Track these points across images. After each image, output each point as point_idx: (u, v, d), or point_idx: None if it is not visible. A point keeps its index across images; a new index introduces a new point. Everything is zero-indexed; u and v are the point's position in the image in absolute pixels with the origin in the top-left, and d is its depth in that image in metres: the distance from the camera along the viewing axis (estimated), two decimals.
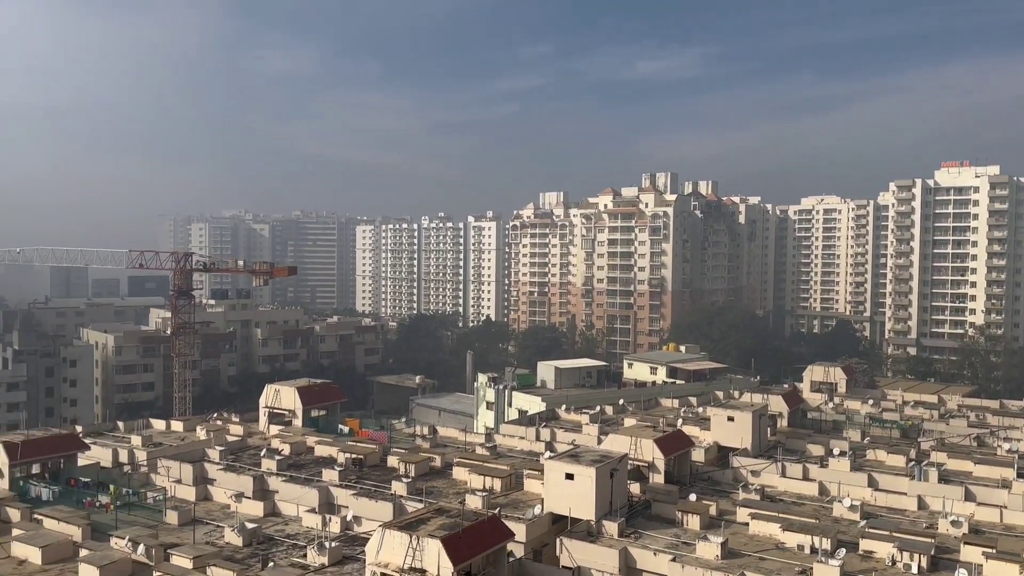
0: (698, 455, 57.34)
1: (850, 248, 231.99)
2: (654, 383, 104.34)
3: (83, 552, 38.39)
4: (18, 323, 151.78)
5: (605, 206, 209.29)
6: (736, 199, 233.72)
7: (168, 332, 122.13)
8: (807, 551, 39.86)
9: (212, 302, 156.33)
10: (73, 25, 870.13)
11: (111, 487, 48.96)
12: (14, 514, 44.18)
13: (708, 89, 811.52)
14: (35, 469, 51.93)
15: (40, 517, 43.57)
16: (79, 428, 69.54)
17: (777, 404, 70.40)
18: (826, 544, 39.43)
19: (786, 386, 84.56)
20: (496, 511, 40.10)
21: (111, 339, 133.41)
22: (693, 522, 43.44)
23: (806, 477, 52.88)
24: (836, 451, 57.89)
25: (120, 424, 73.04)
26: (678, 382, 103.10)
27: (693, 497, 46.84)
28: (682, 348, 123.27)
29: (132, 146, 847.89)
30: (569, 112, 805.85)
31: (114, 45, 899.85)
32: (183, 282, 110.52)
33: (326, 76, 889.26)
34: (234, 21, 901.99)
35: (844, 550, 39.00)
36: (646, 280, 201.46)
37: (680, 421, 69.08)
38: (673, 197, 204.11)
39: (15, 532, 41.21)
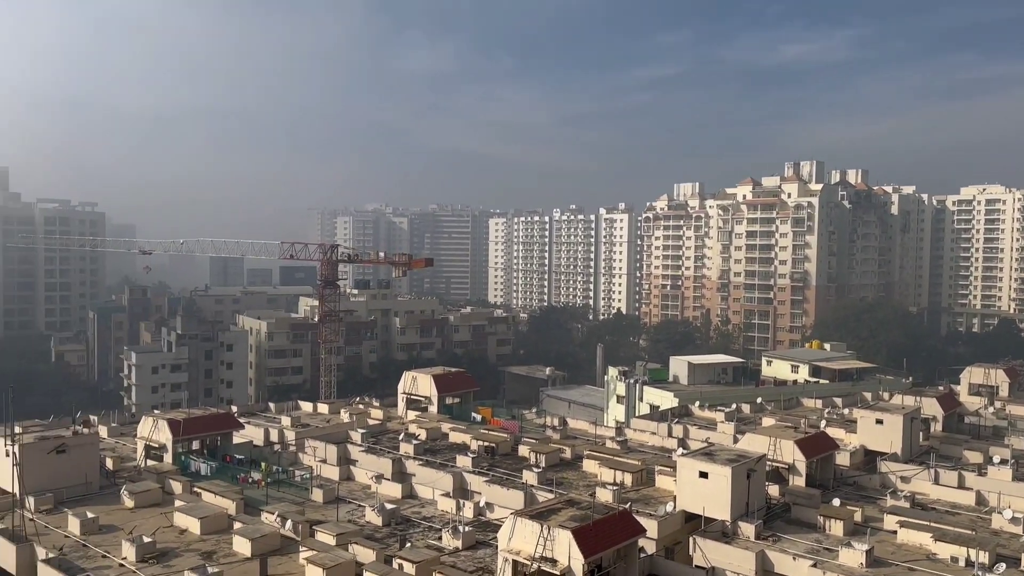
0: (843, 458, 54.55)
1: (1015, 241, 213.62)
2: (795, 382, 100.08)
3: (237, 525, 41.09)
4: (181, 309, 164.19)
5: (744, 197, 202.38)
6: (888, 188, 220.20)
7: (315, 320, 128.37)
8: (962, 564, 37.12)
9: (355, 292, 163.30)
10: (227, 30, 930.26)
11: (263, 464, 52.20)
12: (176, 486, 47.86)
13: (858, 72, 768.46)
14: (195, 445, 56.01)
15: (199, 490, 46.97)
16: (234, 408, 74.55)
17: (931, 407, 65.78)
18: (984, 557, 36.53)
19: (941, 388, 78.87)
20: (627, 506, 39.70)
21: (264, 325, 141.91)
22: (836, 528, 41.38)
23: (962, 485, 49.21)
24: (996, 459, 53.56)
25: (271, 405, 77.62)
26: (821, 381, 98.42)
27: (836, 502, 44.60)
28: (826, 346, 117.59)
29: (283, 143, 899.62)
30: (707, 100, 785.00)
31: (265, 47, 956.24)
32: (329, 272, 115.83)
33: (462, 72, 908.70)
34: (376, 21, 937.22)
35: (1004, 565, 36.02)
36: (787, 274, 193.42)
37: (823, 422, 65.89)
38: (818, 187, 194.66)
39: (177, 503, 44.66)
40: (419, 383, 71.88)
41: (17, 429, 47.24)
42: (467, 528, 40.75)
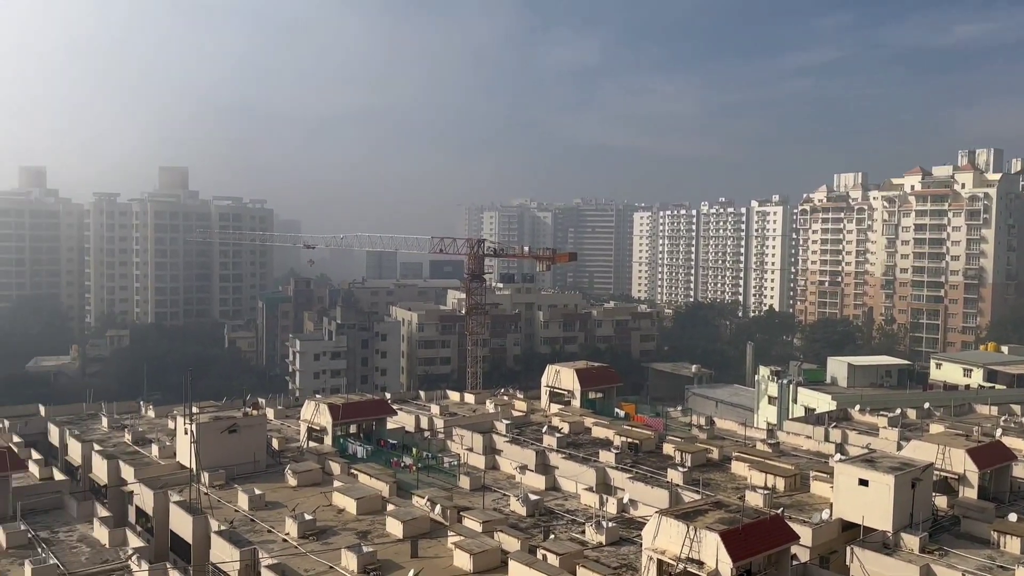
0: (1020, 470, 49.92)
1: None
2: (967, 387, 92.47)
3: (390, 507, 42.91)
4: (340, 300, 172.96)
5: (912, 188, 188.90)
6: None
7: (463, 312, 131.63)
8: None
9: (500, 285, 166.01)
10: (382, 33, 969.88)
11: (414, 450, 54.22)
12: (335, 467, 50.57)
13: None
14: (352, 429, 58.96)
15: (356, 472, 49.43)
16: (388, 395, 77.82)
17: None
18: None
19: None
20: (779, 511, 38.15)
21: (415, 317, 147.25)
22: (1012, 545, 37.94)
23: None
24: None
25: (422, 394, 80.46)
26: (997, 387, 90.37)
27: (1013, 517, 40.87)
28: (1004, 348, 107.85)
29: (434, 141, 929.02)
30: (870, 86, 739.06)
31: (417, 49, 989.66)
32: (476, 266, 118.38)
33: (607, 65, 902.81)
34: (523, 18, 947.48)
35: None
36: (960, 271, 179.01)
37: (999, 431, 60.57)
38: (996, 176, 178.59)
39: (336, 484, 47.17)
40: (562, 377, 72.18)
41: (194, 409, 51.47)
42: (610, 524, 40.55)
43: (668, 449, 55.53)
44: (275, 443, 56.01)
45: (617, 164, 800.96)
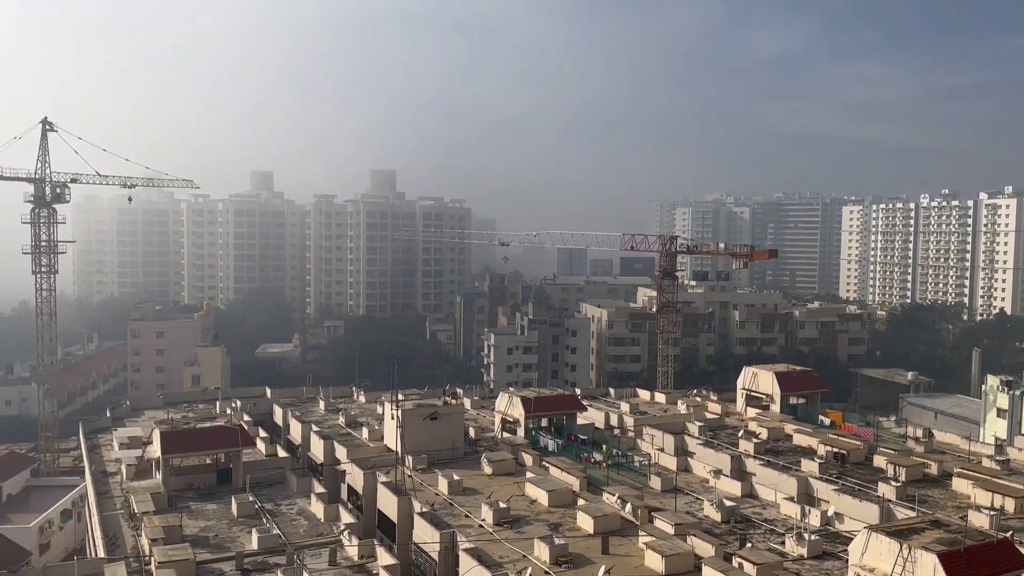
0: None
1: None
2: None
3: (580, 502, 43.24)
4: (532, 296, 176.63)
5: None
6: None
7: (653, 310, 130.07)
8: None
9: (693, 283, 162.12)
10: (575, 30, 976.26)
11: (604, 447, 54.29)
12: (527, 459, 51.70)
13: None
14: (543, 423, 60.04)
15: (547, 465, 50.26)
16: (578, 391, 78.57)
17: None
18: None
19: None
20: (1008, 534, 34.28)
21: (605, 314, 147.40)
22: None
23: None
24: None
25: (611, 391, 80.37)
26: None
27: None
28: None
29: (625, 137, 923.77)
30: None
31: (613, 43, 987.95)
32: (668, 263, 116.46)
33: (815, 51, 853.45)
34: (723, 5, 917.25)
35: None
36: None
37: None
38: None
39: (528, 474, 48.24)
40: (760, 379, 69.23)
41: (400, 396, 54.64)
42: (813, 536, 38.36)
43: (879, 461, 51.62)
44: (472, 432, 58.25)
45: (823, 155, 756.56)
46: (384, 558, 35.98)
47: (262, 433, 58.52)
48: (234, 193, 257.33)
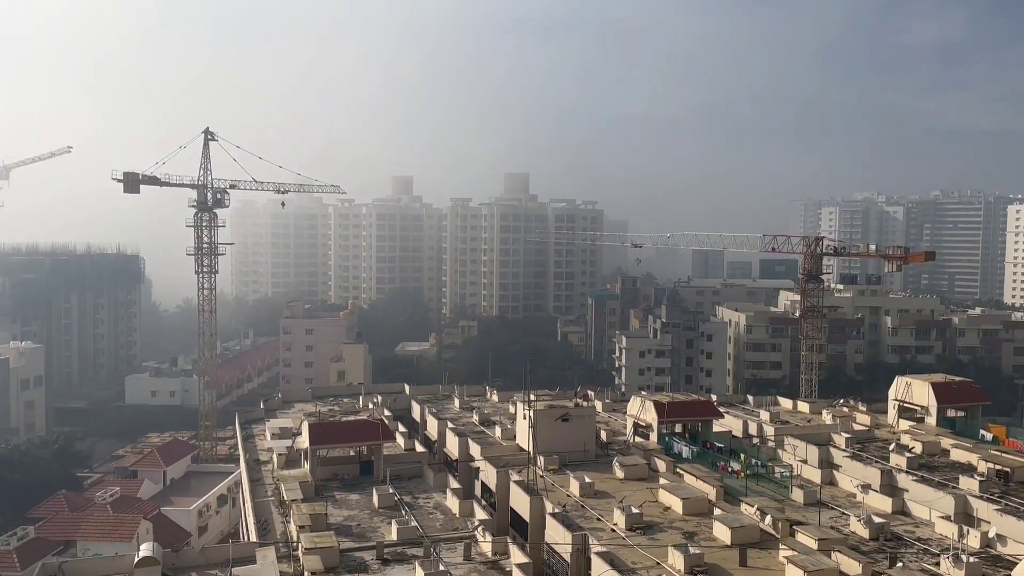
0: None
1: None
2: None
3: (717, 511, 42.02)
4: (665, 299, 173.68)
5: None
6: None
7: (796, 314, 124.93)
8: None
9: (840, 287, 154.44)
10: (717, 29, 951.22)
11: (742, 455, 52.54)
12: (661, 464, 50.79)
13: None
14: (677, 428, 58.83)
15: (681, 472, 49.18)
16: (714, 397, 76.44)
17: None
18: None
19: None
20: None
21: (743, 318, 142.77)
22: None
23: None
24: None
25: (750, 398, 77.70)
26: None
27: None
28: None
29: (765, 135, 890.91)
30: None
31: (751, 41, 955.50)
32: (812, 266, 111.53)
33: (976, 39, 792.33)
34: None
35: None
36: None
37: None
38: None
39: (662, 481, 47.36)
40: (914, 390, 64.92)
41: (531, 396, 55.07)
42: (972, 558, 35.57)
43: None
44: (603, 435, 57.89)
45: (986, 150, 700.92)
46: (517, 556, 36.36)
47: (401, 428, 60.57)
48: (377, 198, 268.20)
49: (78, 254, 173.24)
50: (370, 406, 70.18)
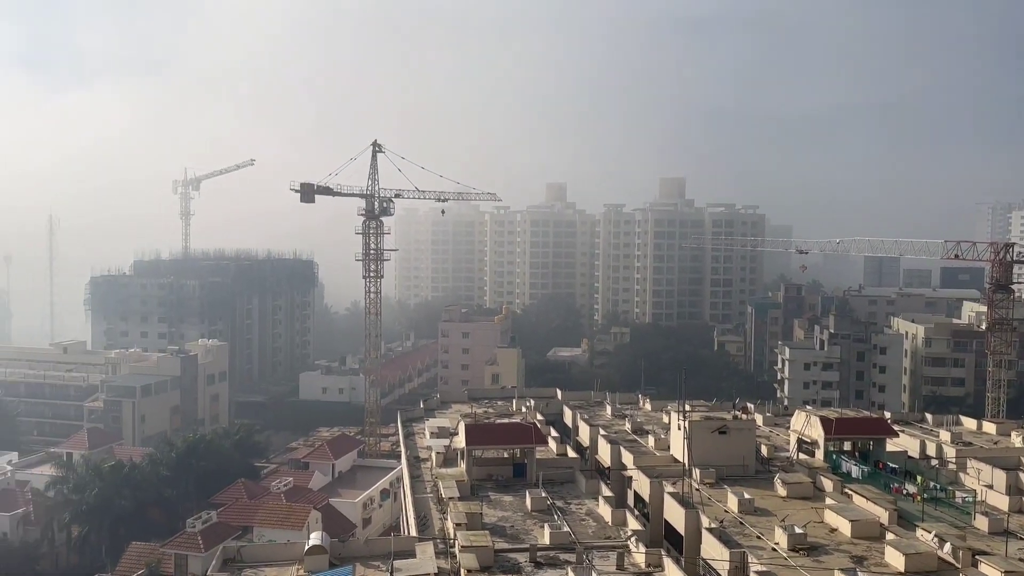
0: None
1: None
2: None
3: (889, 536, 39.26)
4: (834, 308, 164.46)
5: None
6: None
7: (982, 327, 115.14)
8: None
9: None
10: (886, 23, 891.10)
11: (919, 478, 48.78)
12: (827, 484, 48.06)
13: None
14: (846, 446, 55.44)
15: (850, 492, 46.33)
16: (887, 414, 71.49)
17: None
18: None
19: None
20: None
21: (921, 330, 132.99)
22: None
23: None
24: None
25: (928, 416, 72.19)
26: None
27: None
28: None
29: (946, 134, 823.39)
30: None
31: (925, 35, 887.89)
32: (1001, 274, 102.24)
33: None
34: None
35: None
36: None
37: None
38: None
39: (828, 501, 44.84)
40: None
41: (687, 407, 53.78)
42: None
43: None
44: (764, 450, 55.59)
45: None
46: (671, 570, 35.59)
47: (553, 432, 60.92)
48: (531, 205, 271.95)
49: (259, 259, 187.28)
50: (523, 409, 71.10)
